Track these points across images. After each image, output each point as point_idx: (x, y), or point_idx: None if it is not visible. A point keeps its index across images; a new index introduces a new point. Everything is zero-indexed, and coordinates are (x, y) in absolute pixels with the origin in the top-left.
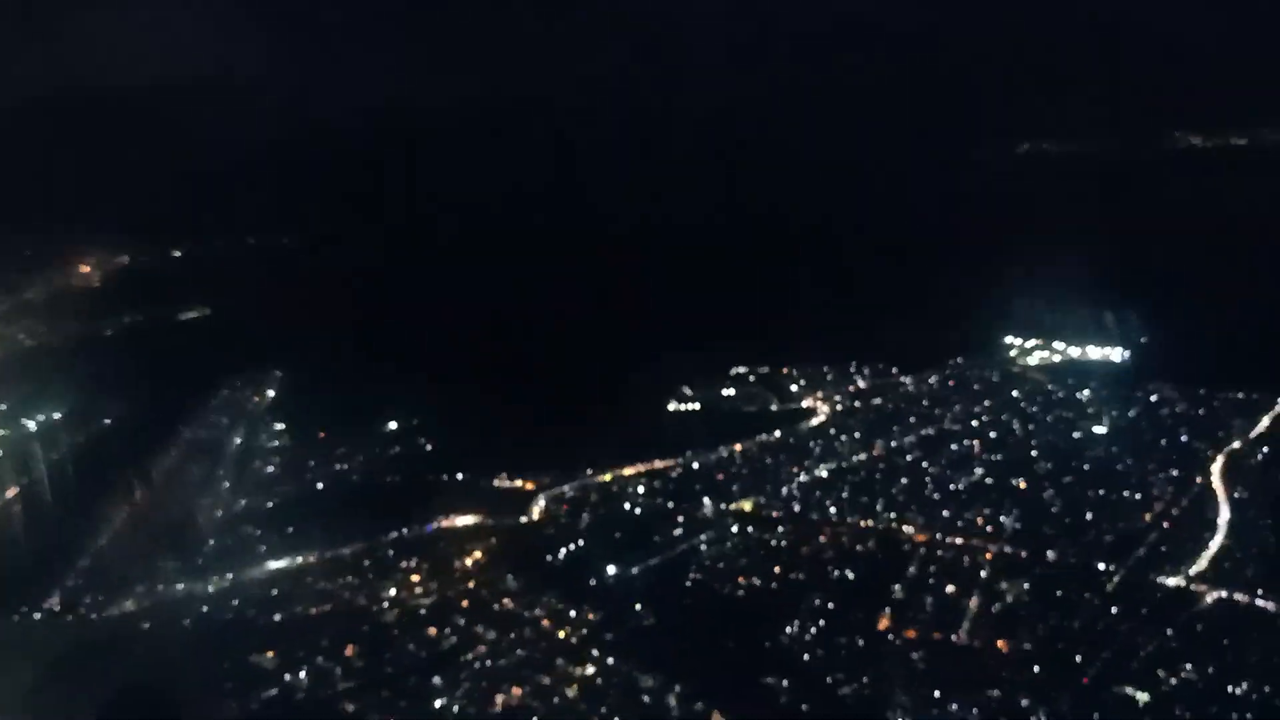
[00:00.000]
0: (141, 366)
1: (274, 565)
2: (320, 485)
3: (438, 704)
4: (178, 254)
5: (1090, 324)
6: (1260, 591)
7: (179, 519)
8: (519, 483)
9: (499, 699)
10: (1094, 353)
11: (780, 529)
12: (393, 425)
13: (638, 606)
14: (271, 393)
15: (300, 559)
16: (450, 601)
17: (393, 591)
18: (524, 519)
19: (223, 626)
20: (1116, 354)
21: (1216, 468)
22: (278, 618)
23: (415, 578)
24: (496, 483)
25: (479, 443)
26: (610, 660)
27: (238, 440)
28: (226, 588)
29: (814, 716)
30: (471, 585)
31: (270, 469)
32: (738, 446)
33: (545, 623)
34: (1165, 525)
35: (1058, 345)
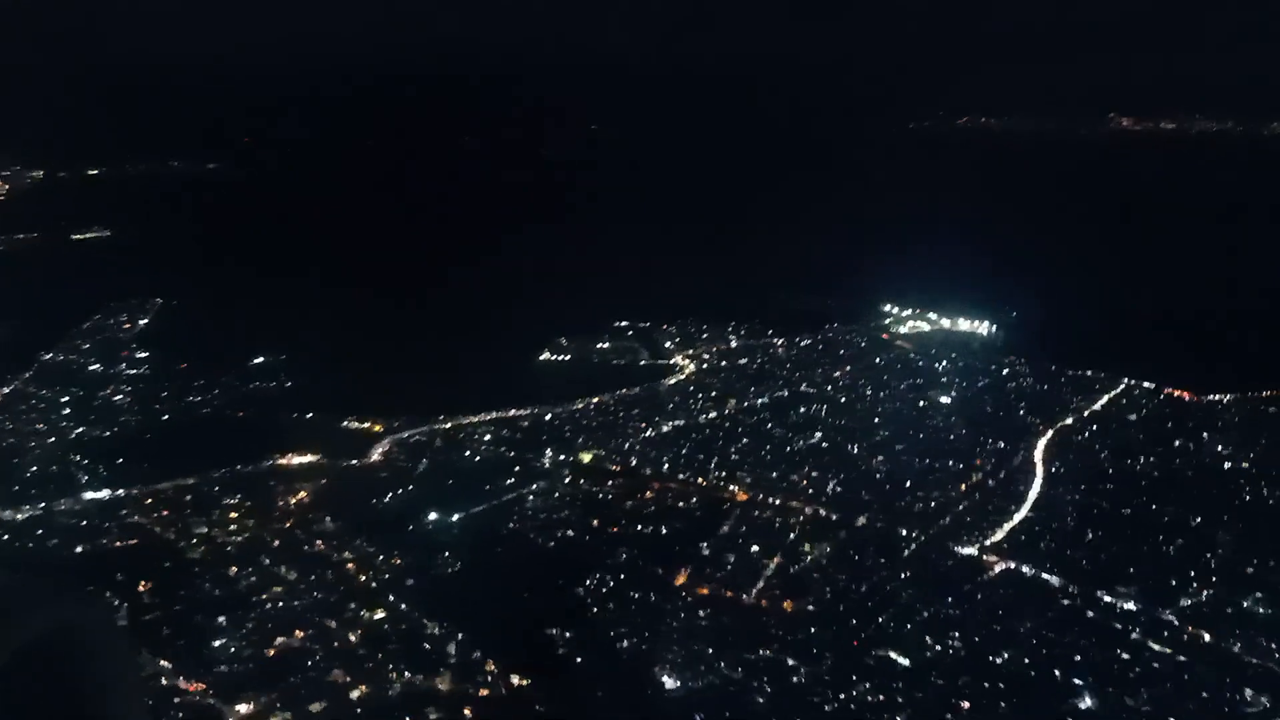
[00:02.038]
0: (22, 286)
1: (91, 496)
2: (166, 417)
3: (216, 644)
4: (95, 173)
5: (969, 297)
6: (1047, 565)
7: (8, 443)
8: (367, 424)
9: (278, 641)
10: (964, 325)
11: (611, 482)
12: (259, 360)
13: (446, 554)
14: (145, 320)
15: (120, 491)
16: (261, 541)
17: (205, 529)
18: (361, 461)
19: (20, 556)
20: (985, 327)
21: (1042, 443)
22: (80, 550)
23: (234, 515)
24: (345, 424)
25: (343, 383)
26: (403, 606)
27: (94, 367)
28: (38, 516)
29: (585, 668)
30: (289, 525)
31: (119, 398)
32: (595, 399)
33: (350, 566)
34: (977, 496)
35: (931, 316)
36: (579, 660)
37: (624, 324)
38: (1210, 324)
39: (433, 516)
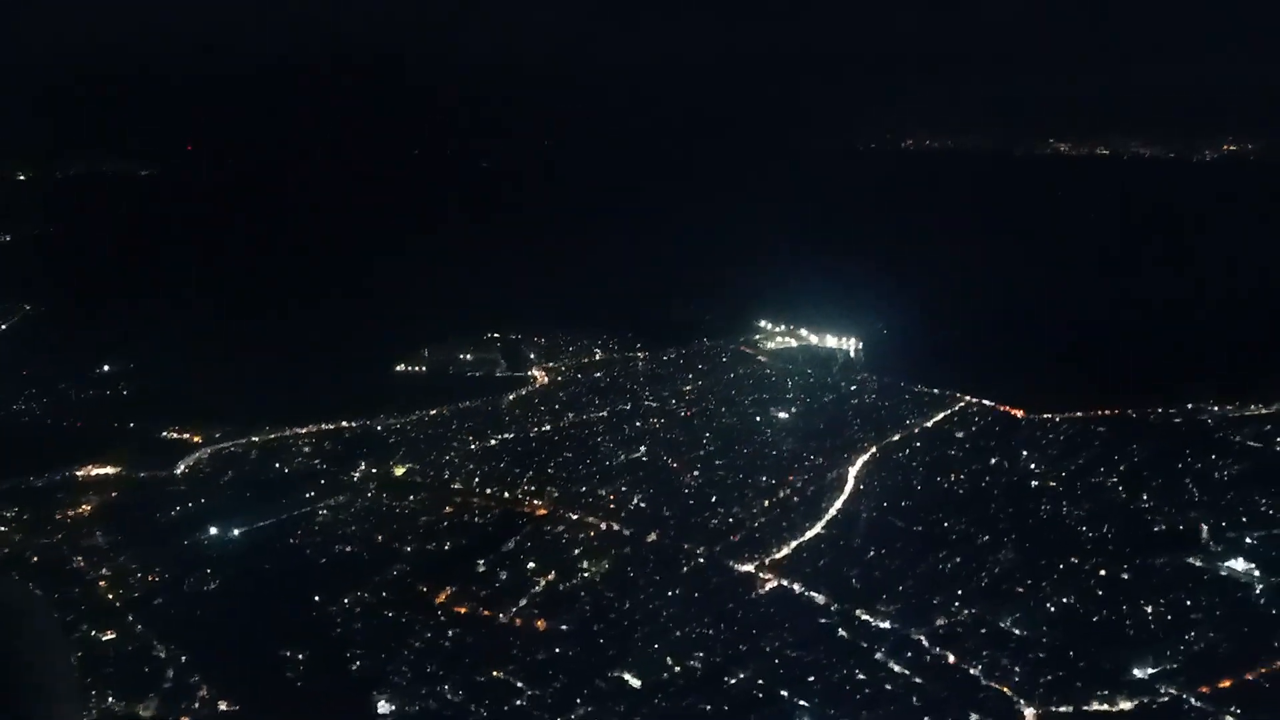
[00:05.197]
0: None
1: None
2: None
3: None
4: (23, 177)
5: (846, 314)
6: (817, 582)
7: None
8: (188, 435)
9: None
10: (831, 341)
11: (413, 497)
12: (105, 369)
13: (209, 570)
14: (4, 327)
15: None
16: (20, 557)
17: None
18: (162, 473)
19: None
20: (850, 344)
21: (861, 459)
22: None
23: (1, 529)
24: (164, 434)
25: (184, 393)
26: (139, 627)
27: None
28: None
29: (302, 691)
30: (57, 540)
31: None
32: (432, 411)
33: (102, 584)
34: (777, 511)
35: (802, 332)
36: (299, 684)
37: (495, 335)
38: (1077, 344)
39: (212, 531)
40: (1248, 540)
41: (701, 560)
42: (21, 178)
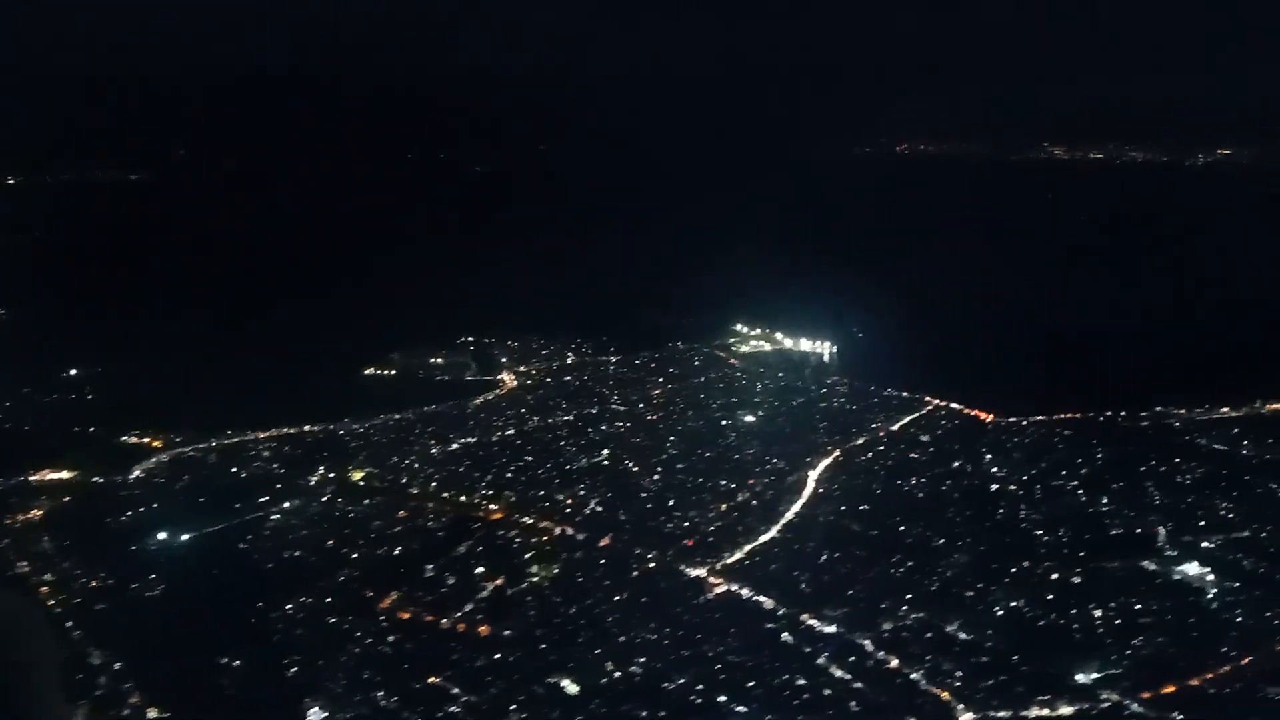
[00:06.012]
0: None
1: None
2: None
3: None
4: (13, 181)
5: (825, 319)
6: (767, 587)
7: None
8: (148, 439)
9: None
10: (805, 345)
11: (368, 501)
12: (71, 373)
13: (153, 575)
14: None
15: None
16: None
17: None
18: (118, 478)
19: None
20: (825, 348)
21: (824, 463)
22: None
23: None
24: (124, 438)
25: (148, 397)
26: (78, 633)
27: None
28: None
29: (234, 698)
30: (4, 544)
31: None
32: (396, 415)
33: (44, 589)
34: (735, 515)
35: (777, 336)
36: (232, 691)
37: (469, 339)
38: (1057, 347)
39: (161, 536)
40: (1204, 544)
41: (653, 565)
42: (11, 182)
